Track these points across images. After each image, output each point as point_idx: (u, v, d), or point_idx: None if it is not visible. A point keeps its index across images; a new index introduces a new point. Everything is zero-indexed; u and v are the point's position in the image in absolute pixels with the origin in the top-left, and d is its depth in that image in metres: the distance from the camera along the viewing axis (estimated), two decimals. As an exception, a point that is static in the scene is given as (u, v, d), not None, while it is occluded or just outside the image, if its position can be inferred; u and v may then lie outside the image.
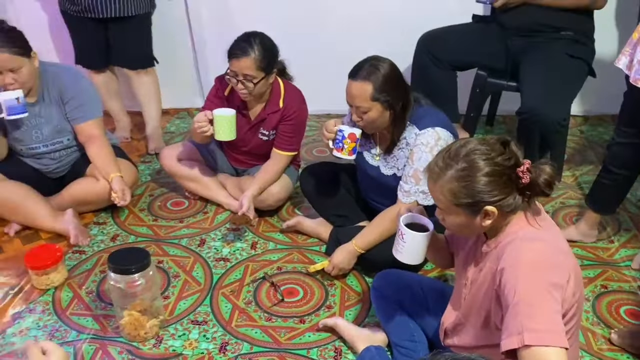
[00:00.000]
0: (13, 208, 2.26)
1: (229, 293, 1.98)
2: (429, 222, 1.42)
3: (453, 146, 1.25)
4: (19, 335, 1.82)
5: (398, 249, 1.44)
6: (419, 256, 1.43)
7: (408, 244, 1.41)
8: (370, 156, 2.04)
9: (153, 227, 2.36)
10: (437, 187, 1.24)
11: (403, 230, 1.40)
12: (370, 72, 1.79)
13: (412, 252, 1.42)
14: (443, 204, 1.26)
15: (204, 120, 2.14)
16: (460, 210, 1.24)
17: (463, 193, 1.21)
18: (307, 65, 2.74)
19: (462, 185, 1.20)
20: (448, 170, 1.22)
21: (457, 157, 1.22)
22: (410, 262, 1.45)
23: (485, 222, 1.24)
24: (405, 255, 1.43)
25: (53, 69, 2.29)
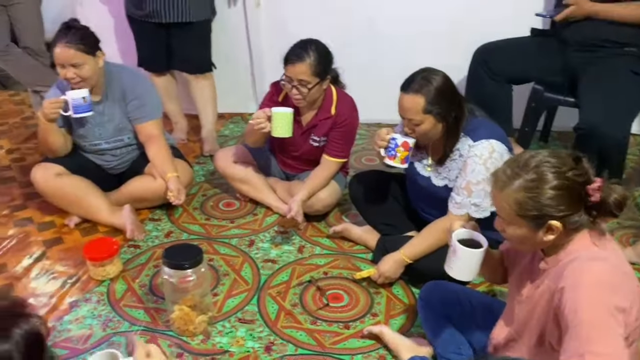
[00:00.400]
0: (75, 201, 2.37)
1: (276, 294, 2.02)
2: (482, 239, 1.41)
3: (523, 156, 1.24)
4: (75, 323, 1.90)
5: (450, 264, 1.43)
6: (472, 273, 1.42)
7: (461, 261, 1.40)
8: (421, 166, 2.04)
9: (205, 226, 2.43)
10: (502, 195, 1.23)
11: (456, 246, 1.39)
12: (422, 85, 1.79)
13: (465, 269, 1.41)
14: (506, 213, 1.25)
15: (263, 117, 2.19)
16: (524, 222, 1.22)
17: (529, 204, 1.19)
18: (359, 74, 2.77)
19: (529, 197, 1.19)
20: (516, 179, 1.21)
21: (527, 167, 1.20)
22: (462, 278, 1.44)
23: (548, 237, 1.22)
24: (457, 271, 1.42)
25: (118, 70, 2.40)
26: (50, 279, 2.12)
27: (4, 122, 3.50)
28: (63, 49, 2.14)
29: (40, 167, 2.37)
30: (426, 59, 2.01)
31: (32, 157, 3.05)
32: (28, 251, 2.28)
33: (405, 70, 1.86)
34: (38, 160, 2.94)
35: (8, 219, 2.50)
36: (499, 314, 1.58)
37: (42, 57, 3.36)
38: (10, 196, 2.67)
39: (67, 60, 2.16)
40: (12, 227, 2.44)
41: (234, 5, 3.18)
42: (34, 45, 3.30)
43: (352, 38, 3.10)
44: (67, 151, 2.42)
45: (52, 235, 2.38)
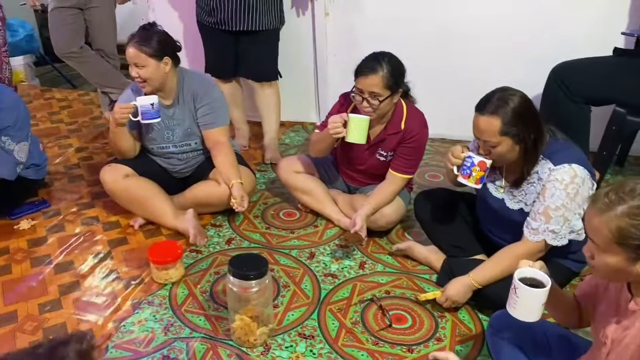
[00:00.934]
0: (141, 203, 2.40)
1: (337, 310, 1.97)
2: (546, 278, 1.33)
3: (628, 182, 1.16)
4: (137, 325, 1.92)
5: (511, 303, 1.36)
6: (534, 314, 1.34)
7: (521, 300, 1.33)
8: (494, 187, 1.96)
9: (266, 235, 2.42)
10: (601, 220, 1.15)
11: (516, 284, 1.33)
12: (498, 105, 1.72)
13: (526, 309, 1.34)
14: (602, 240, 1.16)
15: (339, 121, 2.15)
16: (621, 251, 1.14)
17: (631, 233, 1.11)
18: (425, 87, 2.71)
19: (632, 224, 1.11)
20: (620, 204, 1.13)
21: (633, 193, 1.13)
22: (524, 319, 1.36)
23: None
24: (518, 311, 1.35)
25: (189, 76, 2.43)
26: (114, 279, 2.15)
27: (73, 121, 3.62)
28: (130, 47, 2.24)
29: (110, 168, 2.42)
30: (498, 75, 1.94)
31: (100, 156, 3.14)
32: (94, 250, 2.33)
33: (475, 86, 1.80)
34: (105, 159, 3.05)
35: (76, 216, 2.56)
36: (575, 347, 1.49)
37: (114, 60, 3.46)
38: (79, 194, 2.75)
39: (131, 59, 2.24)
40: (79, 225, 2.50)
41: (302, 14, 3.18)
42: (107, 47, 3.40)
43: (420, 50, 3.04)
44: (135, 153, 2.47)
45: (117, 235, 2.43)
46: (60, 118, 3.67)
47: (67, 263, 2.24)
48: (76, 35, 3.26)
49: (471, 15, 2.96)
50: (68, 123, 3.59)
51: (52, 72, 4.54)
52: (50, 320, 1.94)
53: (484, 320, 1.91)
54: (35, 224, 2.50)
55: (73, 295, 2.06)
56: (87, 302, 2.03)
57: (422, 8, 3.02)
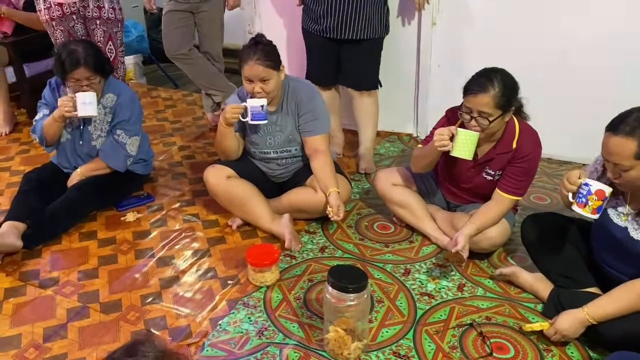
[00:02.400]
0: (240, 204, 2.45)
1: (434, 332, 1.90)
2: None
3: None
4: (232, 325, 1.94)
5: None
6: None
7: None
8: (616, 214, 1.80)
9: (359, 246, 2.38)
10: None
11: None
12: (635, 126, 1.58)
13: None
14: None
15: (447, 134, 2.07)
16: None
17: None
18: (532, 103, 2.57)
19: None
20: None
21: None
22: None
23: None
24: None
25: (294, 83, 2.45)
26: (211, 276, 2.20)
27: (177, 120, 3.77)
28: (253, 66, 2.23)
29: (214, 169, 2.48)
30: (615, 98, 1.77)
31: (201, 155, 3.24)
32: (193, 247, 2.39)
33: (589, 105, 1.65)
34: (206, 159, 3.14)
35: (177, 212, 2.65)
36: None
37: (219, 63, 3.57)
38: (181, 191, 2.85)
39: (256, 76, 2.24)
40: (180, 221, 2.59)
41: (408, 23, 3.13)
42: (214, 51, 3.51)
43: (529, 66, 2.88)
44: (238, 155, 2.52)
45: (215, 233, 2.48)
46: (165, 116, 3.84)
47: (168, 257, 2.32)
48: (186, 37, 3.39)
49: (589, 34, 2.77)
50: (172, 122, 3.75)
51: (157, 71, 4.77)
52: (151, 313, 2.00)
53: (595, 358, 1.76)
54: (140, 217, 2.61)
55: (173, 289, 2.13)
56: (186, 298, 2.08)
57: (535, 22, 2.87)
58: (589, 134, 2.03)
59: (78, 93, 2.39)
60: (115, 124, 2.55)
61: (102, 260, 2.30)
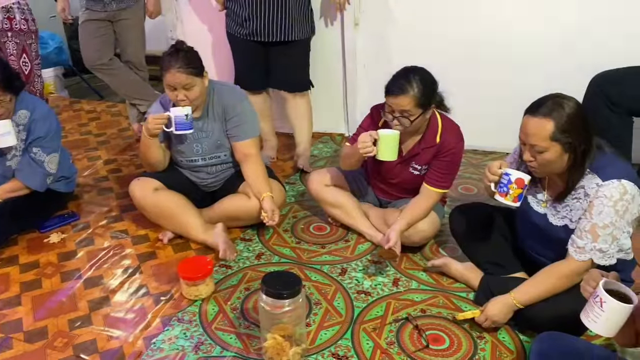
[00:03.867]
0: (170, 217, 2.38)
1: (371, 330, 1.91)
2: (630, 292, 1.25)
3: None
4: (167, 343, 1.88)
5: (592, 317, 1.28)
6: (616, 329, 1.26)
7: (607, 314, 1.24)
8: (535, 202, 1.88)
9: (296, 250, 2.37)
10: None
11: (604, 297, 1.24)
12: (553, 108, 1.64)
13: (610, 324, 1.26)
14: None
15: (369, 140, 2.08)
16: None
17: None
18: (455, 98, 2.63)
19: None
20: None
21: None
22: (603, 334, 1.28)
23: None
24: (600, 326, 1.27)
25: (219, 87, 2.41)
26: (144, 294, 2.12)
27: (102, 133, 3.63)
28: (175, 74, 2.16)
29: (139, 181, 2.40)
30: (532, 87, 1.85)
31: (128, 168, 3.13)
32: (123, 264, 2.30)
33: (508, 97, 1.72)
34: (134, 171, 3.04)
35: (105, 229, 2.55)
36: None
37: (142, 71, 3.46)
38: (108, 207, 2.74)
39: (179, 84, 2.18)
40: (108, 238, 2.49)
41: (331, 24, 3.15)
42: (136, 59, 3.41)
43: (451, 62, 2.97)
44: (164, 166, 2.45)
45: (146, 249, 2.40)
46: (89, 130, 3.69)
47: (96, 278, 2.22)
48: (106, 47, 3.27)
49: (504, 26, 2.89)
50: (97, 135, 3.60)
51: (80, 83, 4.59)
52: (80, 337, 1.91)
53: (525, 341, 1.83)
54: (65, 237, 2.49)
55: (103, 311, 2.04)
56: (117, 319, 2.00)
57: (453, 20, 2.96)
58: (510, 124, 2.09)
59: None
60: (31, 141, 2.42)
61: (24, 286, 2.18)
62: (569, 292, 1.73)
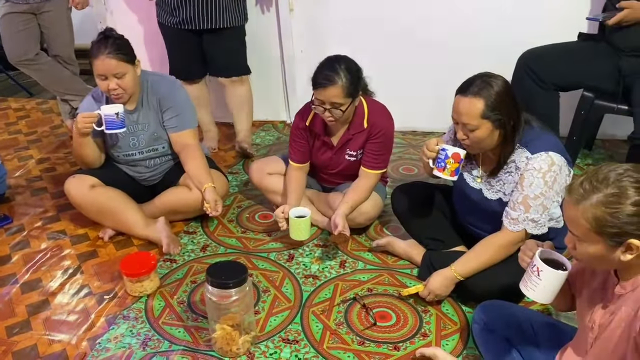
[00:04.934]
0: (109, 214, 2.31)
1: (320, 312, 1.93)
2: (564, 259, 1.32)
3: (602, 169, 1.15)
4: (113, 342, 1.83)
5: (529, 285, 1.34)
6: (552, 296, 1.33)
7: (544, 282, 1.31)
8: (471, 178, 1.94)
9: (242, 239, 2.36)
10: (578, 210, 1.14)
11: (540, 266, 1.30)
12: (482, 87, 1.70)
13: (547, 291, 1.32)
14: (581, 230, 1.16)
15: (282, 217, 2.18)
16: (600, 240, 1.13)
17: (608, 221, 1.11)
18: (392, 81, 2.67)
19: (608, 212, 1.10)
20: (594, 193, 1.12)
21: (607, 181, 1.12)
22: (541, 301, 1.35)
23: (626, 257, 1.13)
24: (538, 293, 1.33)
25: (153, 78, 2.35)
26: (86, 294, 2.06)
27: (32, 132, 3.47)
28: (105, 60, 2.09)
29: (74, 179, 2.32)
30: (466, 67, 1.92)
31: (63, 166, 3.02)
32: (62, 265, 2.23)
33: (443, 78, 1.77)
34: (69, 169, 2.93)
35: (41, 231, 2.45)
36: (563, 335, 1.49)
37: (72, 65, 3.33)
38: (43, 207, 2.63)
39: (110, 71, 2.11)
40: (45, 240, 2.39)
41: (267, 10, 3.12)
42: (64, 53, 3.26)
43: (384, 44, 3.02)
44: (100, 163, 2.37)
45: (86, 248, 2.33)
46: (18, 129, 3.52)
47: (34, 281, 2.14)
48: (30, 41, 3.11)
49: (435, 9, 2.94)
50: (27, 134, 3.44)
51: (6, 80, 4.36)
52: (20, 343, 1.84)
53: (468, 312, 1.90)
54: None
55: (43, 314, 1.97)
56: (59, 321, 1.93)
57: (388, 3, 2.99)
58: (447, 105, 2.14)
59: None
60: (-47, 143, 2.29)
61: (-45, 296, 2.07)
62: (505, 263, 1.81)
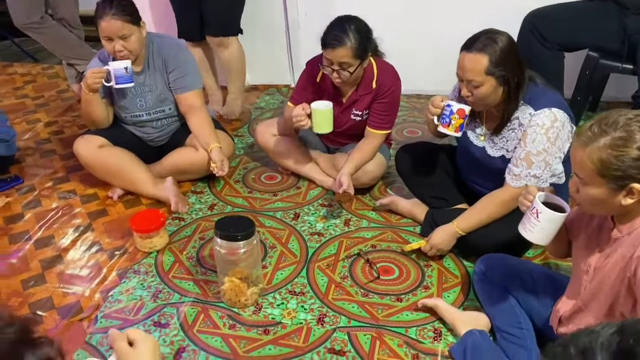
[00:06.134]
0: (118, 173, 2.35)
1: (325, 267, 1.99)
2: (563, 202, 1.35)
3: (612, 114, 1.18)
4: (125, 294, 1.90)
5: (528, 227, 1.38)
6: (550, 238, 1.37)
7: (543, 224, 1.34)
8: (474, 136, 1.97)
9: (248, 199, 2.40)
10: (585, 153, 1.17)
11: (540, 208, 1.34)
12: (486, 44, 1.71)
13: (544, 233, 1.36)
14: (586, 172, 1.19)
15: (302, 114, 2.14)
16: (603, 182, 1.17)
17: (613, 163, 1.14)
18: (402, 45, 2.65)
19: (614, 155, 1.13)
20: (602, 136, 1.15)
21: (615, 125, 1.14)
22: (539, 242, 1.39)
23: (627, 201, 1.17)
24: (536, 235, 1.37)
25: (158, 40, 2.36)
26: (97, 250, 2.12)
27: (39, 96, 3.50)
28: (110, 21, 2.11)
29: (83, 139, 2.36)
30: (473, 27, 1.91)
31: (71, 129, 3.05)
32: (73, 223, 2.28)
33: (450, 40, 1.77)
34: (77, 132, 2.96)
35: (52, 191, 2.50)
36: (560, 286, 1.53)
37: (77, 29, 3.33)
38: (53, 169, 2.68)
39: (115, 33, 2.12)
40: (56, 199, 2.44)
41: (271, -29, 3.10)
42: (69, 16, 3.26)
43: (393, 7, 3.00)
44: (109, 123, 2.41)
45: (96, 207, 2.38)
46: (25, 93, 3.54)
47: (47, 238, 2.20)
48: (35, 5, 3.11)
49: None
50: (34, 98, 3.47)
51: (11, 47, 4.36)
52: (35, 295, 1.91)
53: (469, 267, 1.95)
54: (10, 200, 2.43)
55: (56, 269, 2.03)
56: (72, 275, 2.00)
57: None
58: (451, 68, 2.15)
59: None
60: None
61: (-29, 251, 2.14)
62: (507, 218, 1.84)
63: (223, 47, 2.91)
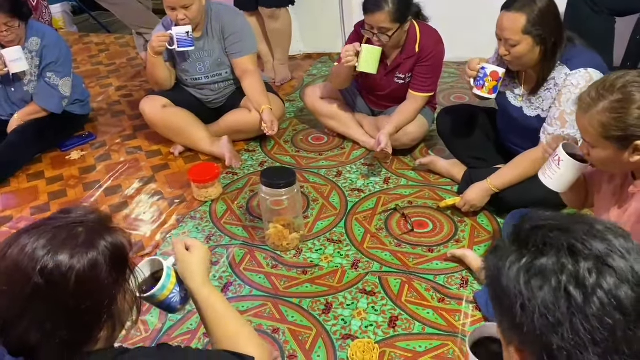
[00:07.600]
0: (179, 131, 2.57)
1: (362, 219, 2.12)
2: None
3: (609, 77, 1.23)
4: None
5: (548, 173, 1.43)
6: (567, 185, 1.42)
7: (562, 171, 1.39)
8: (513, 97, 2.02)
9: (295, 157, 2.56)
10: (586, 118, 1.23)
11: (562, 156, 1.38)
12: (525, 4, 1.75)
13: (563, 180, 1.41)
14: (591, 136, 1.25)
15: (352, 50, 2.21)
16: (609, 144, 1.22)
17: (613, 125, 1.19)
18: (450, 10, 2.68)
19: (614, 117, 1.19)
20: (601, 101, 1.20)
21: (612, 89, 1.19)
22: (556, 188, 1.44)
23: (634, 158, 1.21)
24: (555, 182, 1.42)
25: (216, 7, 2.53)
26: (159, 199, 2.35)
27: (112, 63, 3.79)
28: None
29: (148, 99, 2.58)
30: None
31: (139, 93, 3.31)
32: (139, 175, 2.53)
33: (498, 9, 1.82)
34: (144, 96, 3.18)
35: (120, 146, 2.76)
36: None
37: (146, 1, 3.57)
38: (121, 127, 2.94)
39: (178, 3, 2.31)
40: (124, 154, 2.70)
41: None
42: (139, -11, 3.51)
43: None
44: (171, 84, 2.61)
45: (159, 162, 2.62)
46: (99, 60, 3.85)
47: (115, 187, 2.45)
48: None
49: None
50: (107, 65, 3.77)
51: (88, 20, 4.70)
52: (104, 234, 2.15)
53: (502, 223, 2.02)
54: (85, 154, 2.72)
55: (123, 213, 2.28)
56: (136, 218, 2.24)
57: None
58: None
59: (3, 51, 2.43)
60: (45, 66, 2.59)
61: (52, 195, 2.42)
62: (540, 177, 1.90)
63: (274, 19, 3.06)
